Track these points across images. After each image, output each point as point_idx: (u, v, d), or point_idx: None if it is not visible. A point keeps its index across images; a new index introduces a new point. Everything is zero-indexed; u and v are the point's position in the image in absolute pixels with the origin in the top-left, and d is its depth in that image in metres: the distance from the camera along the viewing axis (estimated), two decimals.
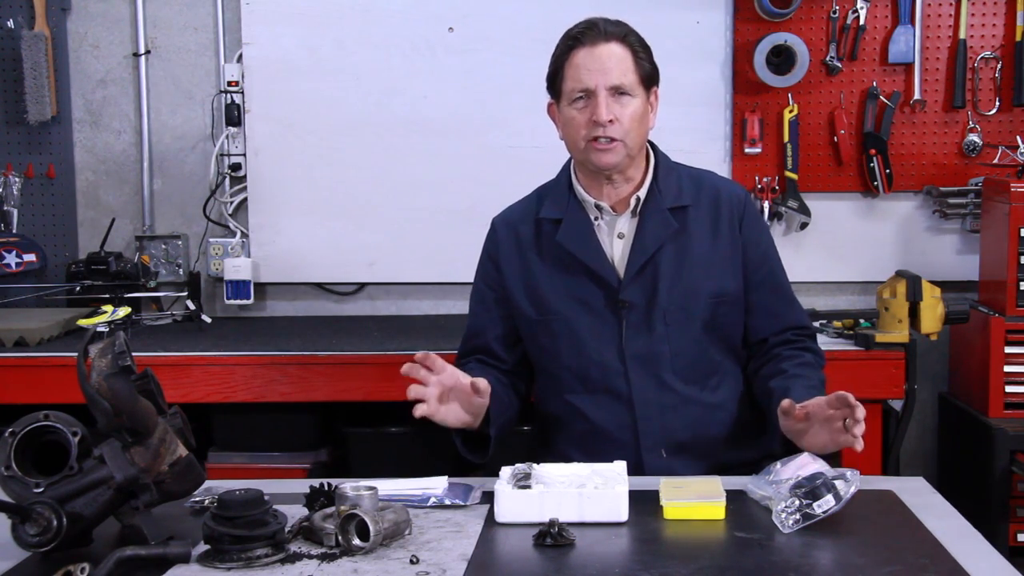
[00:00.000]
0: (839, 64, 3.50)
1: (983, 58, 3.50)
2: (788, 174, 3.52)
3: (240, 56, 3.58)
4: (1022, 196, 3.14)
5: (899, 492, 1.92)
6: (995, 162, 3.48)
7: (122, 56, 3.65)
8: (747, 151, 3.52)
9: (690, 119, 3.47)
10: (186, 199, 3.67)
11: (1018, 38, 3.48)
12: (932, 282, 3.06)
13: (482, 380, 2.03)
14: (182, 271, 3.59)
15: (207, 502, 1.88)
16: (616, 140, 2.14)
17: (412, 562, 1.63)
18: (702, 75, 3.52)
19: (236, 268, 3.55)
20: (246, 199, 3.62)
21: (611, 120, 2.13)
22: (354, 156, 3.58)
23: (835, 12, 3.50)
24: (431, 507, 1.88)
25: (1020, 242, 3.16)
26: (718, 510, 1.79)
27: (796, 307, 2.30)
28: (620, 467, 1.90)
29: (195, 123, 3.66)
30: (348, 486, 1.73)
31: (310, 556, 1.66)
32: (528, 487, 1.82)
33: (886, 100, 3.51)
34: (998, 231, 3.23)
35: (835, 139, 3.52)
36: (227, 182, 3.63)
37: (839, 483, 1.75)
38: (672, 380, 2.19)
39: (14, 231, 3.52)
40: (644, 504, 1.82)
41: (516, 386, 2.32)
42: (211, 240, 3.60)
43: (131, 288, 3.42)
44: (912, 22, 3.49)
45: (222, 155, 3.61)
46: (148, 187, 3.67)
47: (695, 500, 1.81)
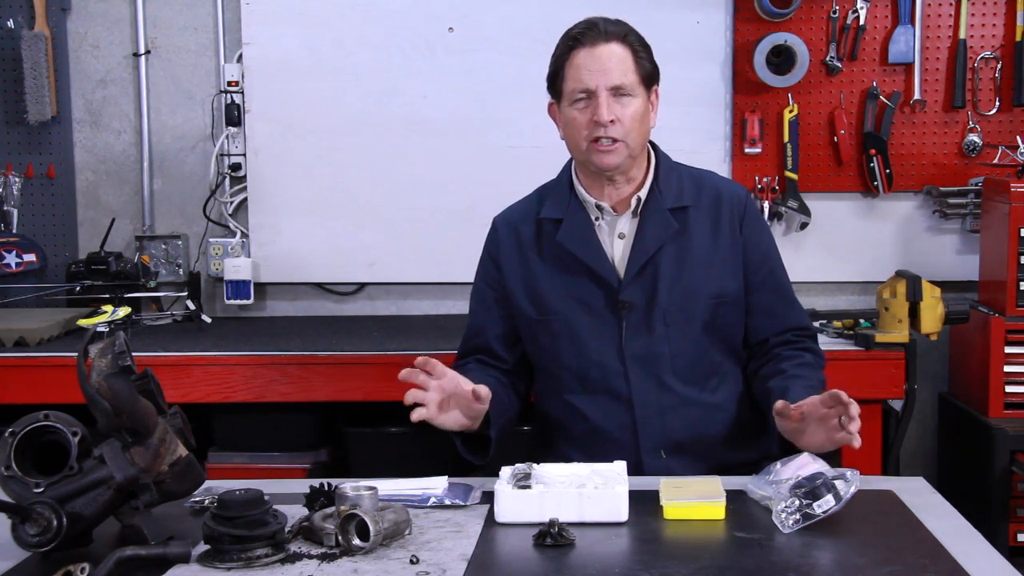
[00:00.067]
0: (839, 64, 3.50)
1: (983, 58, 3.50)
2: (788, 174, 3.52)
3: (240, 56, 3.58)
4: (1022, 196, 3.14)
5: (899, 492, 1.92)
6: (995, 162, 3.48)
7: (122, 56, 3.65)
8: (747, 151, 3.52)
9: (690, 119, 3.47)
10: (186, 199, 3.67)
11: (1018, 38, 3.48)
12: (932, 282, 3.06)
13: (482, 387, 2.03)
14: (182, 271, 3.59)
15: (207, 502, 1.87)
16: (618, 141, 2.14)
17: (412, 562, 1.63)
18: (702, 75, 3.52)
19: (236, 268, 3.55)
20: (246, 199, 3.62)
21: (612, 120, 2.13)
22: (354, 156, 3.58)
23: (835, 12, 3.50)
24: (431, 507, 1.88)
25: (1020, 242, 3.16)
26: (718, 510, 1.79)
27: (797, 308, 2.30)
28: (620, 467, 1.90)
29: (195, 123, 3.66)
30: (348, 486, 1.73)
31: (310, 556, 1.66)
32: (528, 487, 1.82)
33: (886, 100, 3.51)
34: (998, 231, 3.23)
35: (835, 139, 3.52)
36: (227, 182, 3.63)
37: (839, 483, 1.75)
38: (672, 381, 2.19)
39: (14, 231, 3.52)
40: (644, 504, 1.82)
41: (516, 386, 2.31)
42: (211, 240, 3.60)
43: (131, 288, 3.42)
44: (912, 22, 3.49)
45: (222, 155, 3.61)
46: (148, 187, 3.67)
47: (695, 500, 1.81)
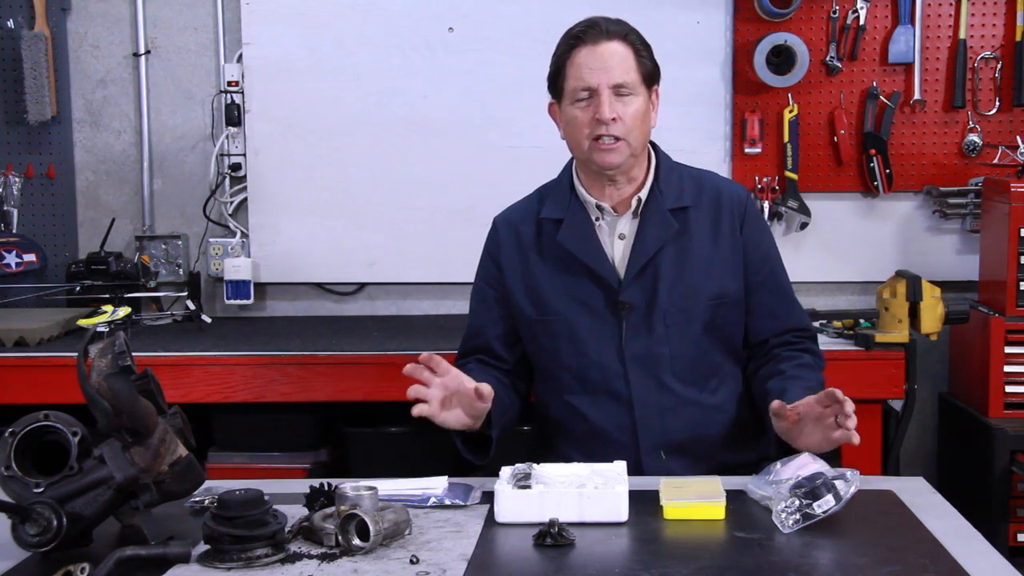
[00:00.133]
0: (839, 64, 3.50)
1: (983, 58, 3.50)
2: (788, 174, 3.52)
3: (240, 56, 3.58)
4: (1022, 196, 3.14)
5: (899, 492, 1.92)
6: (995, 162, 3.48)
7: (122, 56, 3.65)
8: (747, 151, 3.52)
9: (690, 119, 3.47)
10: (186, 199, 3.67)
11: (1018, 38, 3.48)
12: (932, 282, 3.06)
13: (485, 385, 2.02)
14: (182, 271, 3.59)
15: (207, 502, 1.87)
16: (620, 139, 2.14)
17: (412, 562, 1.63)
18: (702, 75, 3.52)
19: (236, 268, 3.55)
20: (246, 199, 3.62)
21: (614, 118, 2.12)
22: (354, 156, 3.58)
23: (835, 12, 3.50)
24: (431, 507, 1.88)
25: (1020, 242, 3.16)
26: (718, 510, 1.79)
27: (797, 308, 2.30)
28: (620, 467, 1.90)
29: (195, 123, 3.66)
30: (348, 486, 1.73)
31: (310, 556, 1.66)
32: (528, 487, 1.82)
33: (886, 100, 3.51)
34: (998, 231, 3.23)
35: (835, 139, 3.52)
36: (227, 182, 3.63)
37: (839, 483, 1.75)
38: (671, 382, 2.19)
39: (14, 231, 3.52)
40: (644, 504, 1.82)
41: (516, 386, 2.31)
42: (211, 240, 3.60)
43: (131, 288, 3.42)
44: (912, 22, 3.49)
45: (222, 155, 3.61)
46: (148, 187, 3.67)
47: (695, 500, 1.81)
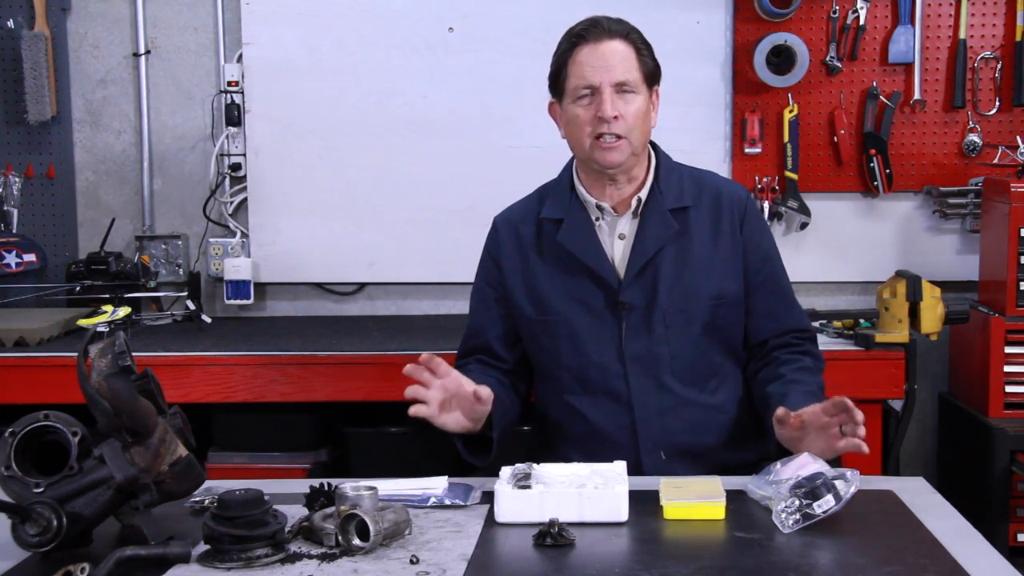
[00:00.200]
0: (839, 64, 3.50)
1: (983, 58, 3.50)
2: (788, 174, 3.52)
3: (240, 56, 3.58)
4: (1022, 196, 3.14)
5: (899, 492, 1.92)
6: (995, 162, 3.48)
7: (122, 56, 3.65)
8: (747, 151, 3.52)
9: (690, 119, 3.47)
10: (186, 199, 3.67)
11: (1018, 38, 3.48)
12: (932, 282, 3.06)
13: (485, 388, 2.02)
14: (182, 271, 3.59)
15: (207, 502, 1.87)
16: (621, 137, 2.14)
17: (412, 562, 1.63)
18: (702, 75, 3.52)
19: (236, 268, 3.55)
20: (246, 199, 3.62)
21: (616, 116, 2.12)
22: (354, 156, 3.58)
23: (835, 12, 3.50)
24: (431, 507, 1.88)
25: (1020, 242, 3.16)
26: (718, 510, 1.79)
27: (796, 309, 2.30)
28: (620, 467, 1.90)
29: (195, 123, 3.66)
30: (348, 486, 1.73)
31: (310, 556, 1.66)
32: (528, 487, 1.82)
33: (886, 100, 3.51)
34: (998, 231, 3.23)
35: (835, 139, 3.52)
36: (227, 182, 3.63)
37: (839, 483, 1.75)
38: (671, 382, 2.19)
39: (14, 231, 3.52)
40: (644, 504, 1.82)
41: (516, 387, 2.31)
42: (211, 240, 3.60)
43: (131, 288, 3.42)
44: (912, 22, 3.49)
45: (222, 155, 3.61)
46: (148, 187, 3.67)
47: (695, 500, 1.80)
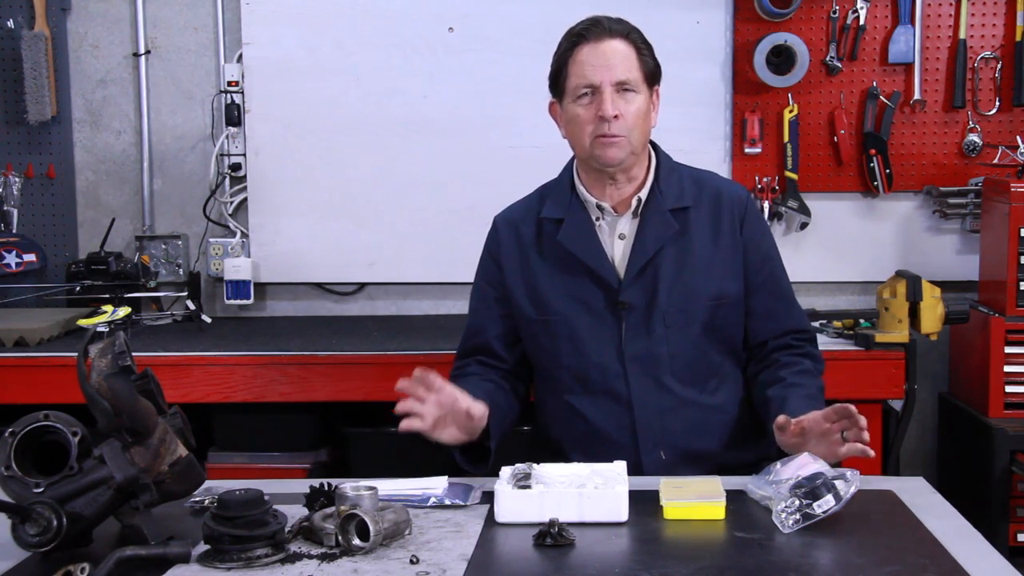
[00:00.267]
0: (839, 64, 3.50)
1: (983, 58, 3.50)
2: (788, 174, 3.52)
3: (240, 56, 3.58)
4: (1022, 196, 3.14)
5: (899, 492, 1.92)
6: (995, 162, 3.48)
7: (122, 56, 3.65)
8: (747, 151, 3.52)
9: (690, 119, 3.47)
10: (186, 199, 3.67)
11: (1018, 38, 3.48)
12: (932, 282, 3.06)
13: (479, 405, 2.01)
14: (182, 271, 3.59)
15: (207, 502, 1.87)
16: (621, 136, 2.14)
17: (412, 562, 1.63)
18: (702, 75, 3.52)
19: (236, 268, 3.55)
20: (246, 199, 3.62)
21: (616, 115, 2.12)
22: (354, 156, 3.58)
23: (835, 12, 3.50)
24: (431, 507, 1.88)
25: (1020, 242, 3.16)
26: (718, 510, 1.79)
27: (796, 310, 2.29)
28: (620, 467, 1.90)
29: (195, 123, 3.66)
30: (348, 486, 1.73)
31: (310, 556, 1.66)
32: (528, 487, 1.82)
33: (886, 100, 3.51)
34: (998, 231, 3.23)
35: (835, 139, 3.52)
36: (227, 182, 3.63)
37: (839, 483, 1.75)
38: (671, 382, 2.19)
39: (14, 231, 3.52)
40: (644, 504, 1.82)
41: (516, 388, 2.31)
42: (211, 240, 3.60)
43: (131, 288, 3.42)
44: (912, 22, 3.49)
45: (222, 155, 3.61)
46: (148, 187, 3.67)
47: (695, 500, 1.80)
